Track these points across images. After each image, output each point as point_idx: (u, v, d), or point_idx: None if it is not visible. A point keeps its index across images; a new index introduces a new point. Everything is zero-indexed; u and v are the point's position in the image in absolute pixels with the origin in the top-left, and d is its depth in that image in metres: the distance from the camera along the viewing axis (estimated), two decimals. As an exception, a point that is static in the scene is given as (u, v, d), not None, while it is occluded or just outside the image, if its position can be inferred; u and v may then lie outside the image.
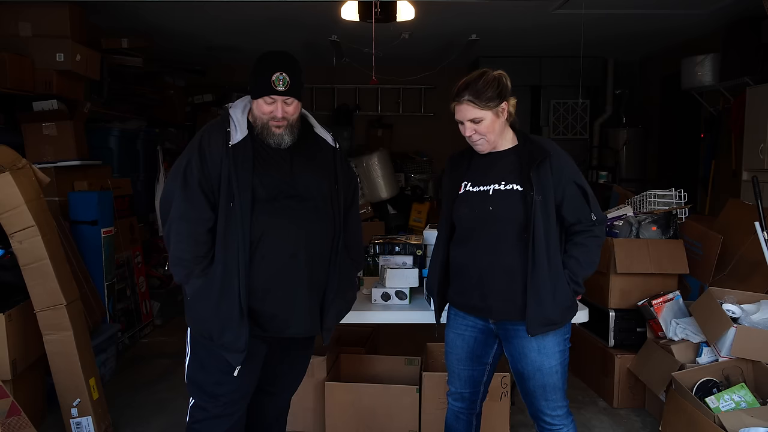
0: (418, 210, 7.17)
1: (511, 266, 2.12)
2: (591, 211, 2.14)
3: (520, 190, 2.10)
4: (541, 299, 2.07)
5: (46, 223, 3.04)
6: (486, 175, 2.18)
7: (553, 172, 2.10)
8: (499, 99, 2.10)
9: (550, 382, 2.18)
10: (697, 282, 3.63)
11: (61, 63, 4.05)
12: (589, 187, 2.16)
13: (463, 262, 2.21)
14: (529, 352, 2.16)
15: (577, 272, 2.13)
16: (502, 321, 2.20)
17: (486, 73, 2.12)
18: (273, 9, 4.79)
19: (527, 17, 5.14)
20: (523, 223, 2.08)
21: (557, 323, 2.13)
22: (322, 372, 3.16)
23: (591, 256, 2.15)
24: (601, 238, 2.18)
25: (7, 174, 2.89)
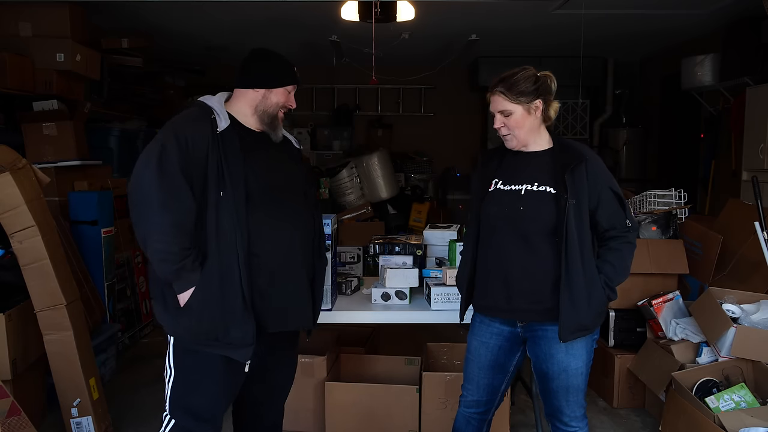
0: (418, 210, 7.17)
1: (539, 268, 2.10)
2: (626, 218, 2.14)
3: (553, 192, 2.09)
4: (575, 305, 2.06)
5: (46, 223, 3.04)
6: (518, 175, 2.16)
7: (589, 177, 2.09)
8: (534, 95, 2.09)
9: (574, 384, 2.17)
10: (697, 282, 3.63)
11: (61, 63, 4.05)
12: (622, 194, 2.16)
13: (490, 261, 2.19)
14: (556, 353, 2.15)
15: (612, 278, 2.12)
16: (531, 323, 2.18)
17: (526, 69, 2.13)
18: (273, 9, 4.79)
19: (527, 17, 5.14)
20: (554, 226, 2.07)
21: (589, 329, 2.13)
22: (322, 372, 3.16)
23: (625, 262, 2.15)
24: (634, 245, 2.17)
25: (7, 174, 2.89)
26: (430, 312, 2.77)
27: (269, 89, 2.14)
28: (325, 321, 2.81)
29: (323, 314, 2.72)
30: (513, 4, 4.69)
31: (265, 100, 2.14)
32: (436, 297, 2.75)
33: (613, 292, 2.14)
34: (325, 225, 2.63)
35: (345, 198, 7.05)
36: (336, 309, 2.78)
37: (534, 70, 2.13)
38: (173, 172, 1.96)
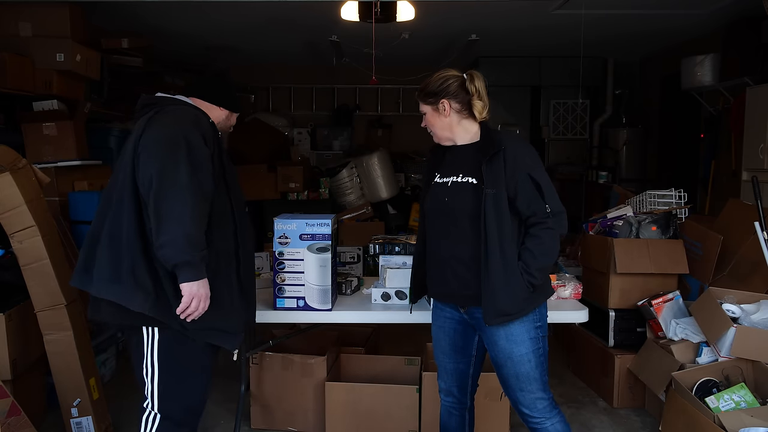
0: (418, 210, 7.17)
1: (465, 256, 2.20)
2: (545, 204, 2.17)
3: (474, 183, 2.19)
4: (494, 290, 2.13)
5: (46, 223, 3.04)
6: (451, 168, 2.29)
7: (507, 165, 2.15)
8: (437, 96, 2.25)
9: (523, 371, 2.21)
10: (697, 282, 3.62)
11: (61, 63, 4.05)
12: (546, 180, 2.19)
13: (431, 250, 2.32)
14: (498, 339, 2.22)
15: (529, 263, 2.15)
16: (469, 308, 2.26)
17: (440, 71, 2.28)
18: (273, 9, 4.79)
19: (527, 17, 5.14)
20: (476, 215, 2.15)
21: (513, 314, 2.16)
22: (322, 372, 3.16)
23: (544, 248, 2.18)
24: (555, 229, 2.19)
25: (7, 174, 2.89)
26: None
27: (231, 112, 2.44)
28: (325, 321, 2.81)
29: (323, 314, 2.72)
30: (513, 4, 4.69)
31: (227, 120, 2.43)
32: (436, 297, 2.75)
33: (533, 277, 2.15)
34: (325, 225, 2.63)
35: (345, 198, 7.05)
36: (336, 309, 2.78)
37: (450, 72, 2.26)
38: (203, 160, 2.07)
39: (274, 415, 3.25)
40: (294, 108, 8.13)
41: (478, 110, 2.26)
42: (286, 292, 2.68)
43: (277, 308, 2.71)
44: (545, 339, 2.26)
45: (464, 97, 2.24)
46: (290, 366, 3.19)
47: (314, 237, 2.63)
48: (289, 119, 7.88)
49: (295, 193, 6.89)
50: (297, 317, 2.76)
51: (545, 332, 2.26)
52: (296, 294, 2.68)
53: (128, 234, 2.04)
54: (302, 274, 2.66)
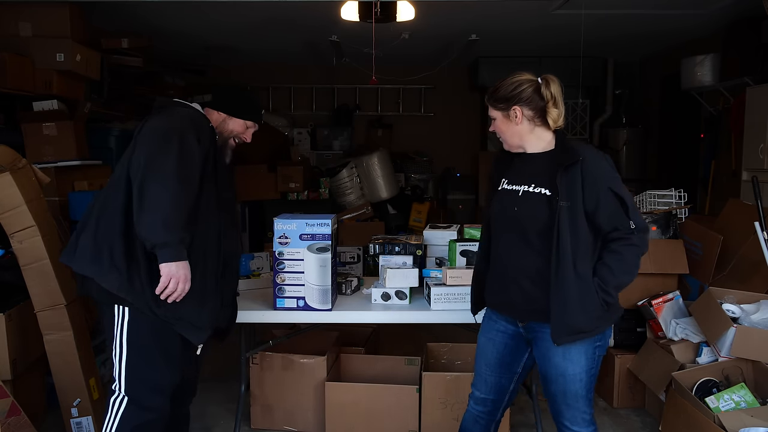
0: (418, 210, 7.18)
1: (532, 269, 2.11)
2: (629, 219, 2.06)
3: (547, 194, 2.08)
4: (565, 307, 2.03)
5: (46, 223, 3.04)
6: (520, 176, 2.18)
7: (585, 178, 2.04)
8: (508, 102, 2.12)
9: (572, 389, 2.15)
10: (697, 282, 3.62)
11: (61, 63, 4.04)
12: (628, 195, 2.08)
13: (494, 258, 2.24)
14: (553, 356, 2.13)
15: (607, 280, 2.06)
16: (530, 322, 2.18)
17: (514, 74, 2.16)
18: (273, 9, 4.79)
19: (527, 17, 5.14)
20: (547, 227, 2.05)
21: (585, 332, 2.08)
22: (322, 372, 3.16)
23: (625, 265, 2.08)
24: (639, 247, 2.09)
25: (7, 174, 2.89)
26: (430, 312, 2.77)
27: (229, 116, 2.42)
28: (325, 321, 2.81)
29: (323, 314, 2.72)
30: (513, 4, 4.69)
31: (229, 123, 2.42)
32: (436, 297, 2.75)
33: (608, 295, 2.07)
34: (325, 225, 2.63)
35: (345, 198, 7.05)
36: (336, 309, 2.78)
37: (523, 76, 2.14)
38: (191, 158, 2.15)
39: (274, 415, 3.25)
40: (294, 108, 8.13)
41: (553, 118, 2.14)
42: (286, 292, 2.69)
43: (277, 308, 2.71)
44: (600, 359, 2.19)
45: (538, 103, 2.12)
46: (290, 366, 3.19)
47: (314, 237, 2.63)
48: (289, 119, 7.87)
49: (295, 193, 6.89)
50: (297, 317, 2.76)
51: (603, 352, 2.19)
52: (296, 294, 2.68)
53: (113, 215, 2.17)
54: (302, 274, 2.67)
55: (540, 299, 2.09)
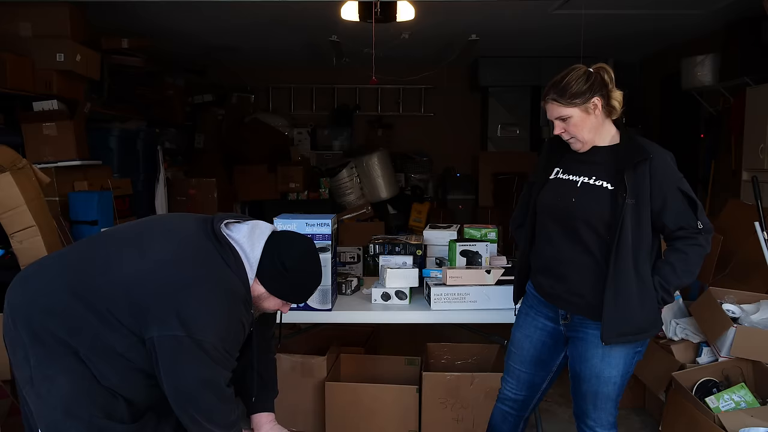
0: (418, 210, 7.18)
1: (585, 262, 2.05)
2: (697, 219, 2.01)
3: (610, 188, 2.01)
4: (621, 306, 1.98)
5: (46, 223, 3.04)
6: (579, 166, 2.10)
7: (653, 176, 1.99)
8: (588, 94, 1.99)
9: (604, 391, 2.11)
10: (697, 282, 3.62)
11: (61, 63, 4.05)
12: (694, 195, 2.04)
13: (540, 246, 2.17)
14: (592, 357, 2.09)
15: (669, 279, 2.01)
16: (574, 321, 2.13)
17: (575, 69, 2.04)
18: (273, 9, 4.79)
19: (527, 17, 5.14)
20: (606, 222, 1.99)
21: (637, 334, 2.03)
22: (322, 372, 3.16)
23: (689, 266, 2.02)
24: (705, 248, 2.03)
25: (7, 174, 2.89)
26: (430, 312, 2.77)
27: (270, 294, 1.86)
28: (325, 321, 2.81)
29: (323, 314, 2.72)
30: (513, 4, 4.69)
31: (265, 300, 1.87)
32: (436, 297, 2.75)
33: (668, 294, 2.02)
34: (325, 225, 2.63)
35: (345, 198, 7.05)
36: (336, 309, 2.78)
37: (584, 67, 2.04)
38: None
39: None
40: (294, 108, 8.13)
41: (618, 100, 2.03)
42: (286, 292, 2.68)
43: (277, 308, 2.71)
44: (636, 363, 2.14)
45: (605, 90, 2.02)
46: (290, 366, 3.19)
47: (314, 237, 2.63)
48: (289, 119, 7.88)
49: (295, 193, 6.90)
50: (297, 317, 2.76)
51: (641, 357, 2.14)
52: (296, 294, 2.68)
53: None
54: (302, 274, 2.66)
55: (588, 295, 2.05)
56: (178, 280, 1.68)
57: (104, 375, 1.70)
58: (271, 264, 1.80)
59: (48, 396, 1.70)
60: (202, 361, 1.67)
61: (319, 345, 3.41)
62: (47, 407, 1.72)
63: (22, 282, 1.80)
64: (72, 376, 1.69)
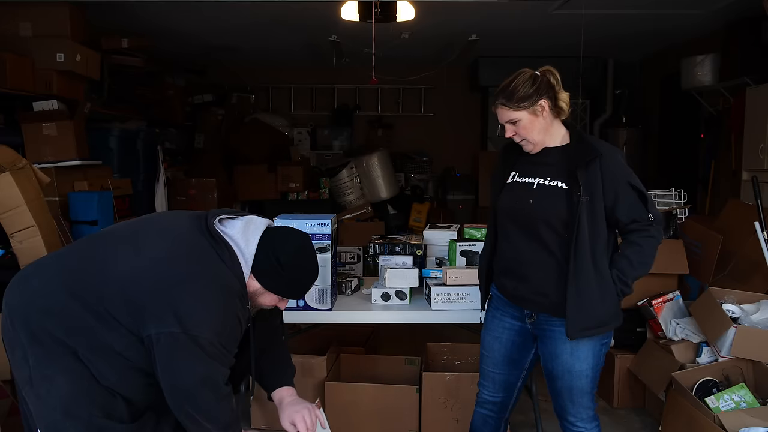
0: (418, 210, 7.17)
1: (546, 261, 2.11)
2: (648, 212, 2.08)
3: (565, 188, 2.07)
4: (583, 301, 2.04)
5: (46, 223, 3.04)
6: (534, 168, 2.16)
7: (604, 173, 2.05)
8: (535, 97, 2.06)
9: (578, 385, 2.17)
10: (697, 282, 3.62)
11: (61, 63, 4.05)
12: (644, 189, 2.11)
13: (503, 250, 2.22)
14: (561, 353, 2.15)
15: (627, 272, 2.08)
16: (539, 319, 2.18)
17: (521, 73, 2.10)
18: (273, 9, 4.79)
19: (527, 17, 5.14)
20: (564, 221, 2.06)
21: (600, 327, 2.10)
22: (322, 372, 3.16)
23: (644, 257, 2.10)
24: (656, 239, 2.10)
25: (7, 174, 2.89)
26: (430, 312, 2.77)
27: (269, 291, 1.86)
28: (325, 321, 2.81)
29: (323, 314, 2.72)
30: (513, 4, 4.69)
31: (261, 296, 1.86)
32: (436, 297, 2.75)
33: (627, 286, 2.09)
34: (325, 225, 2.63)
35: (345, 198, 7.05)
36: (336, 309, 2.78)
37: (530, 71, 2.11)
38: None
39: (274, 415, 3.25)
40: (294, 108, 8.13)
41: (566, 101, 2.13)
42: (286, 292, 2.68)
43: (277, 308, 2.71)
44: (604, 356, 2.21)
45: (552, 92, 2.10)
46: (290, 366, 3.18)
47: (314, 237, 2.63)
48: (289, 119, 7.88)
49: (295, 193, 6.90)
50: (297, 317, 2.76)
51: (607, 349, 2.21)
52: (296, 294, 2.68)
53: None
54: (302, 274, 2.66)
55: (552, 294, 2.10)
56: (172, 277, 1.68)
57: (103, 374, 1.70)
58: (266, 259, 1.79)
59: (47, 396, 1.70)
60: (199, 357, 1.66)
61: (319, 345, 3.41)
62: (46, 407, 1.71)
63: (20, 282, 1.80)
64: (71, 376, 1.69)
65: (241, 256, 1.77)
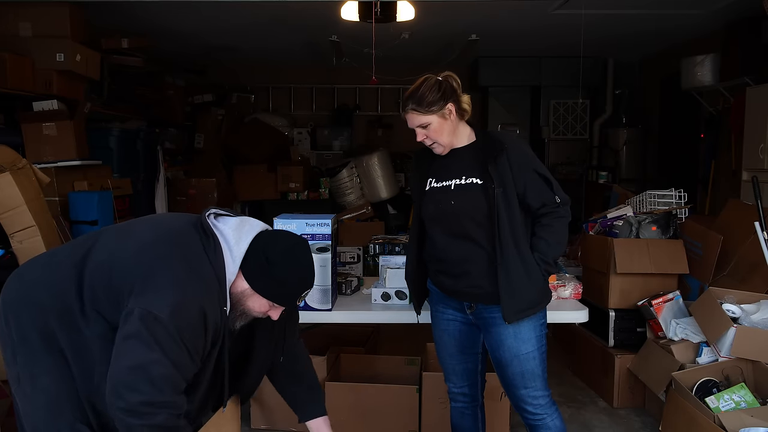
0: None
1: (475, 255, 2.20)
2: (554, 194, 2.22)
3: (479, 183, 2.19)
4: (513, 287, 2.15)
5: (46, 223, 3.04)
6: (448, 171, 2.26)
7: (512, 164, 2.17)
8: (442, 102, 2.17)
9: (528, 369, 2.24)
10: (697, 282, 3.62)
11: (61, 63, 4.05)
12: (549, 173, 2.25)
13: (435, 253, 2.31)
14: (505, 338, 2.23)
15: (546, 252, 2.20)
16: (478, 308, 2.27)
17: (427, 79, 2.21)
18: (273, 9, 4.79)
19: (527, 17, 5.14)
20: (485, 214, 2.16)
21: (533, 307, 2.20)
22: (322, 372, 3.16)
23: (558, 236, 2.23)
24: (566, 218, 2.25)
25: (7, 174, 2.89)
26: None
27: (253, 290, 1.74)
28: (325, 321, 2.81)
29: (323, 314, 2.72)
30: (513, 4, 4.69)
31: (251, 301, 1.76)
32: (436, 297, 2.75)
33: (550, 266, 2.22)
34: (325, 225, 2.64)
35: (345, 198, 7.05)
36: (336, 309, 2.78)
37: (434, 77, 2.21)
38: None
39: (274, 415, 3.25)
40: (294, 108, 8.13)
41: (468, 103, 2.24)
42: (286, 292, 2.68)
43: (277, 308, 2.71)
44: (545, 337, 2.30)
45: (455, 96, 2.22)
46: (290, 366, 3.18)
47: (314, 237, 2.63)
48: (289, 119, 7.88)
49: (295, 193, 6.89)
50: (297, 317, 2.76)
51: (546, 330, 2.31)
52: (296, 294, 2.68)
53: None
54: (302, 274, 2.66)
55: (486, 285, 2.20)
56: (151, 260, 1.65)
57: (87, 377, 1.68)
58: (255, 257, 1.72)
59: (33, 395, 1.70)
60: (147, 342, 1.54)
61: (319, 345, 3.41)
62: (33, 407, 1.71)
63: (14, 279, 1.80)
64: (54, 377, 1.68)
65: (228, 253, 1.71)
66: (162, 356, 1.56)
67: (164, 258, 1.66)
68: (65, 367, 1.68)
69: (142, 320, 1.55)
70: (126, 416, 1.55)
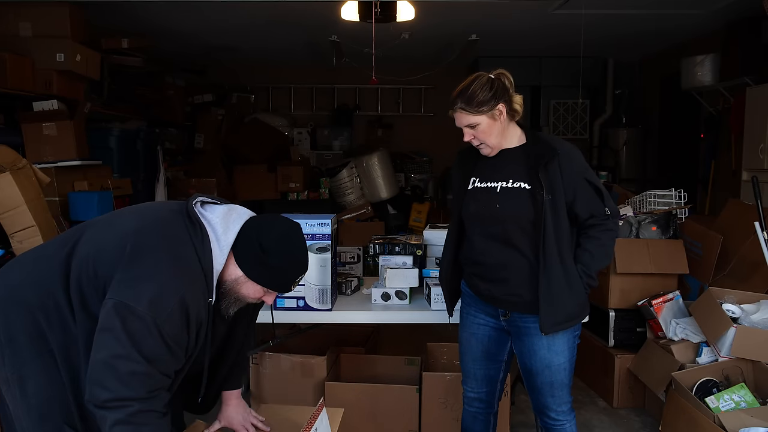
0: (418, 210, 7.18)
1: (515, 262, 2.14)
2: (605, 206, 2.14)
3: (528, 188, 2.11)
4: (554, 298, 2.09)
5: (46, 223, 3.04)
6: (494, 172, 2.18)
7: (563, 171, 2.10)
8: (493, 101, 2.08)
9: (558, 379, 2.21)
10: (697, 282, 3.62)
11: (61, 63, 4.05)
12: (600, 183, 2.17)
13: (471, 255, 2.25)
14: (539, 349, 2.18)
15: (590, 265, 2.14)
16: (513, 316, 2.22)
17: (478, 77, 2.12)
18: (273, 9, 4.79)
19: (527, 17, 5.14)
20: (530, 221, 2.09)
21: (572, 319, 2.15)
22: (322, 372, 3.16)
23: (605, 249, 2.16)
24: (615, 231, 2.18)
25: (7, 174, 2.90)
26: (430, 312, 2.77)
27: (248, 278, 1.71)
28: (325, 321, 2.81)
29: (323, 314, 2.72)
30: (513, 4, 4.69)
31: (244, 288, 1.72)
32: (436, 297, 2.75)
33: (592, 279, 2.16)
34: (325, 225, 2.63)
35: (345, 198, 7.05)
36: (336, 309, 2.78)
37: (486, 75, 2.12)
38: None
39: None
40: (294, 108, 8.13)
41: (519, 104, 2.14)
42: (286, 292, 2.68)
43: (277, 308, 2.71)
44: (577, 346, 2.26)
45: (507, 96, 2.11)
46: (290, 366, 3.19)
47: (314, 237, 2.63)
48: (289, 119, 7.88)
49: (295, 193, 6.89)
50: (297, 317, 2.76)
51: (579, 339, 2.26)
52: (296, 294, 2.68)
53: None
54: (302, 274, 2.66)
55: (525, 294, 2.14)
56: (131, 251, 1.59)
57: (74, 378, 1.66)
58: (248, 244, 1.67)
59: (21, 398, 1.68)
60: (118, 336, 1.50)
61: (319, 345, 3.41)
62: (22, 409, 1.69)
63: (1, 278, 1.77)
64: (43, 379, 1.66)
65: (215, 241, 1.66)
66: (133, 351, 1.50)
67: (147, 248, 1.60)
68: (54, 369, 1.66)
69: (117, 313, 1.51)
70: (97, 410, 1.54)
